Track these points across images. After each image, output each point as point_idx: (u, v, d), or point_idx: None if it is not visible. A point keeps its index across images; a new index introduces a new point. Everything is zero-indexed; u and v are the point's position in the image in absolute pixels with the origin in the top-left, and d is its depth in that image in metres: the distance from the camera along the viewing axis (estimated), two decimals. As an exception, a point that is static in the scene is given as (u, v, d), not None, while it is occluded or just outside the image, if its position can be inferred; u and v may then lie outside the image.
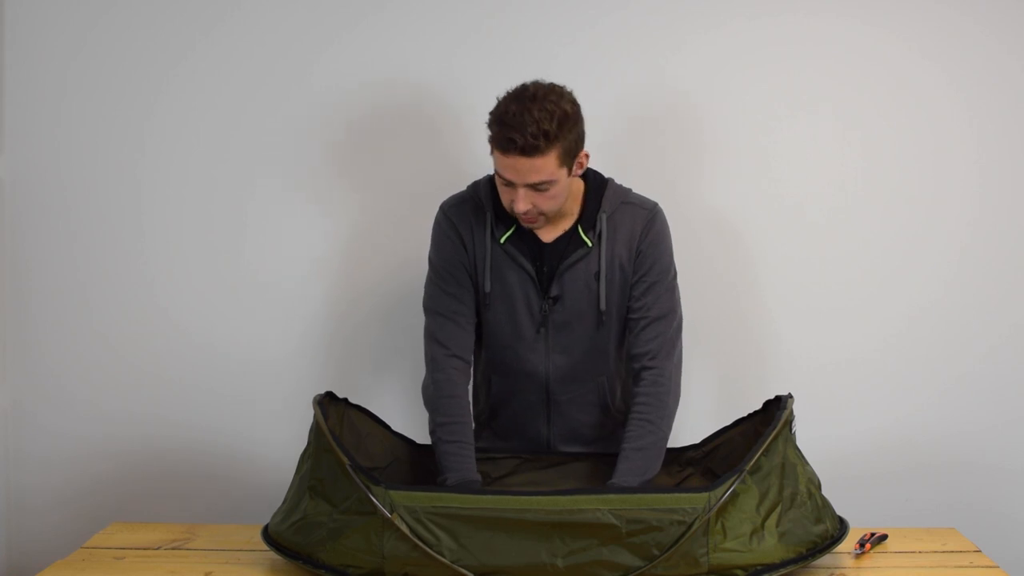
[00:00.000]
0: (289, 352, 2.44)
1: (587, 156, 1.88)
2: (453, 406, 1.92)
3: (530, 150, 1.74)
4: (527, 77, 1.86)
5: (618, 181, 2.02)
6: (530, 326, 1.96)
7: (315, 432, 1.77)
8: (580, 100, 1.93)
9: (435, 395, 1.94)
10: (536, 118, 1.74)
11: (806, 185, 2.40)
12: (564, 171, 1.82)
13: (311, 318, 2.44)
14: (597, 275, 1.92)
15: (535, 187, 1.80)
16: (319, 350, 2.45)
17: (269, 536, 1.77)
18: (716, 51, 2.37)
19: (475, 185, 2.00)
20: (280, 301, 2.44)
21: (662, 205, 1.99)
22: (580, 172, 1.90)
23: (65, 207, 2.44)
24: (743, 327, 2.42)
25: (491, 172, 1.94)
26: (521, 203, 1.81)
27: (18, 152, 2.43)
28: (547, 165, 1.77)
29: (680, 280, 2.38)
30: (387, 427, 2.01)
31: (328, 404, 1.85)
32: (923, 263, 2.40)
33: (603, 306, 1.94)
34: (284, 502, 1.79)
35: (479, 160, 2.12)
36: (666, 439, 1.91)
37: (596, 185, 1.96)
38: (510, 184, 1.81)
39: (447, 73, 2.36)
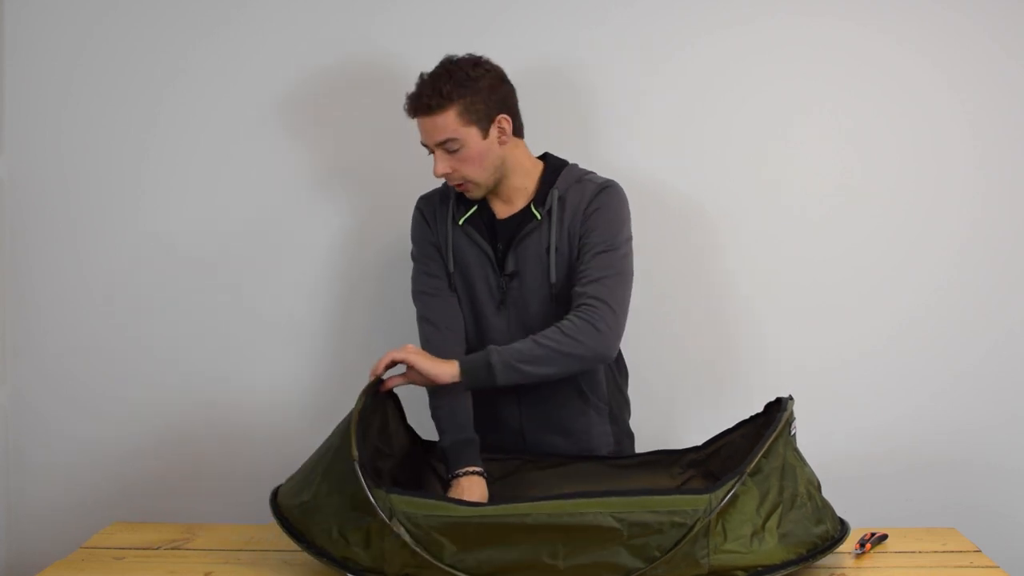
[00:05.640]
0: (290, 352, 2.44)
1: (508, 121, 1.94)
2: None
3: (425, 109, 1.89)
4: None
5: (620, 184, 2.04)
6: (490, 304, 2.01)
7: (350, 420, 1.74)
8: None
9: None
10: (433, 81, 1.90)
11: (806, 185, 2.40)
12: (473, 131, 1.90)
13: (312, 318, 2.44)
14: (548, 249, 1.96)
15: (446, 148, 1.90)
16: (320, 350, 2.44)
17: (277, 507, 1.76)
18: (715, 54, 2.37)
19: None
20: (281, 301, 2.44)
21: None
22: (504, 139, 1.94)
23: (66, 207, 2.44)
24: (743, 328, 2.42)
25: None
26: (439, 165, 1.92)
27: (18, 152, 2.43)
28: (447, 122, 1.88)
29: (680, 281, 2.40)
30: (403, 418, 2.00)
31: (373, 396, 1.84)
32: (923, 263, 2.40)
33: (553, 279, 1.96)
34: (299, 471, 1.78)
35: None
36: (568, 357, 1.85)
37: (553, 167, 2.03)
38: (431, 152, 1.93)
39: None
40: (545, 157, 2.06)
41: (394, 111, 2.39)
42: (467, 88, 1.89)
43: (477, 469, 1.88)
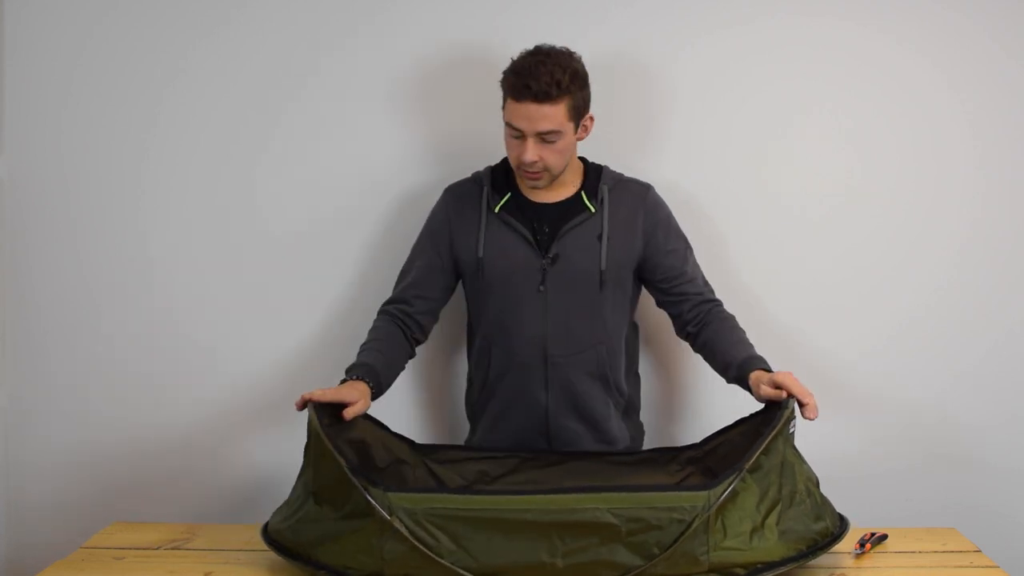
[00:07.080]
0: (289, 352, 2.44)
1: (592, 120, 2.03)
2: (378, 329, 2.09)
3: (543, 96, 1.89)
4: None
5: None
6: (528, 286, 2.04)
7: (312, 436, 1.77)
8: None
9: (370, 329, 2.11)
10: (550, 69, 1.89)
11: (806, 185, 2.40)
12: (571, 126, 1.96)
13: (310, 318, 2.44)
14: (600, 236, 2.02)
15: (544, 138, 1.93)
16: (319, 351, 2.44)
17: (268, 535, 1.77)
18: (715, 54, 2.37)
19: (476, 172, 2.15)
20: (280, 302, 2.44)
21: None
22: (586, 136, 2.04)
23: (66, 207, 2.44)
24: (743, 327, 2.42)
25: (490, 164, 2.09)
26: (529, 152, 1.93)
27: (18, 152, 2.43)
28: (557, 115, 1.91)
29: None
30: (386, 428, 2.01)
31: (324, 407, 1.85)
32: (923, 263, 2.40)
33: (604, 265, 2.02)
34: (286, 503, 1.79)
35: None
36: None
37: (594, 167, 2.13)
38: (519, 136, 1.93)
39: (458, 81, 2.37)
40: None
41: (394, 111, 2.41)
42: (578, 83, 1.94)
43: (368, 381, 1.92)
